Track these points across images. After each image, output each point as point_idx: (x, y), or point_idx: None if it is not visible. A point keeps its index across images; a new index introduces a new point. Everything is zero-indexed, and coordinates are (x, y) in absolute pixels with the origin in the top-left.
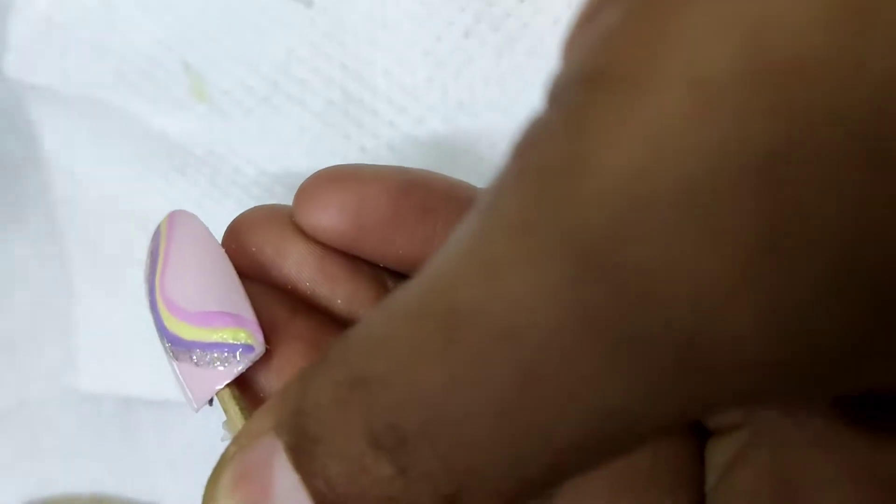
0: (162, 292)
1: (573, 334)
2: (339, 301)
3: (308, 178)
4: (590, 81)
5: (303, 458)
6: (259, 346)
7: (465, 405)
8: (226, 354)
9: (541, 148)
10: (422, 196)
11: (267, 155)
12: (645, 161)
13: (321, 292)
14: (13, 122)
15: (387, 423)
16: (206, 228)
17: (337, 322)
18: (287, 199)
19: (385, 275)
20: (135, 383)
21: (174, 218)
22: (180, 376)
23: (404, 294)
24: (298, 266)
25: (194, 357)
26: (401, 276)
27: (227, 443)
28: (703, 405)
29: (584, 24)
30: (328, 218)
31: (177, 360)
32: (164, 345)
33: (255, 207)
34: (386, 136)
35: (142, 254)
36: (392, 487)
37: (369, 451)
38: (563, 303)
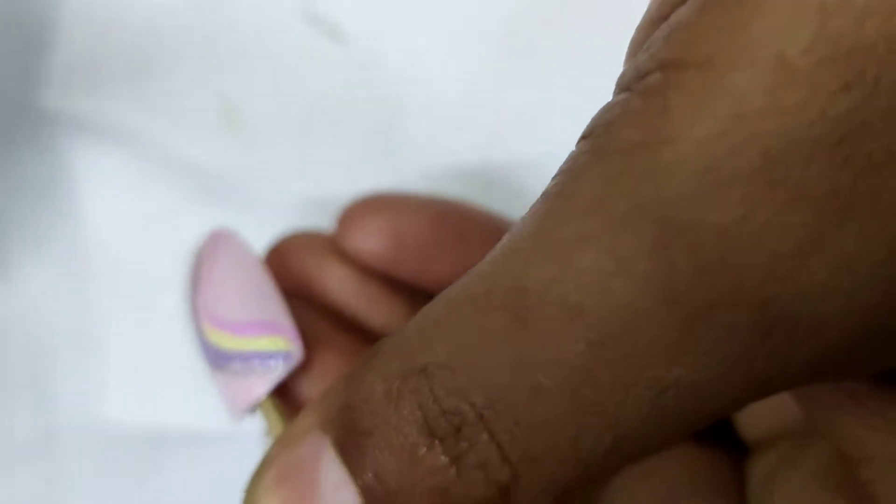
0: (203, 305)
1: (648, 305)
2: (377, 320)
3: (350, 203)
4: (669, 68)
5: (351, 452)
6: (298, 353)
7: (531, 384)
8: (266, 362)
9: (618, 129)
10: (458, 224)
11: (302, 183)
12: (727, 133)
13: (361, 312)
14: (42, 148)
15: (442, 411)
16: (246, 244)
17: (375, 339)
18: (321, 226)
19: (420, 298)
20: (164, 412)
21: (215, 235)
22: (221, 386)
23: (463, 283)
24: (340, 286)
25: (235, 367)
26: None
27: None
28: (773, 381)
29: (652, 25)
30: (369, 242)
31: (218, 370)
32: (203, 357)
33: (298, 230)
34: (420, 167)
35: (174, 281)
36: (445, 477)
37: (423, 440)
38: (639, 274)
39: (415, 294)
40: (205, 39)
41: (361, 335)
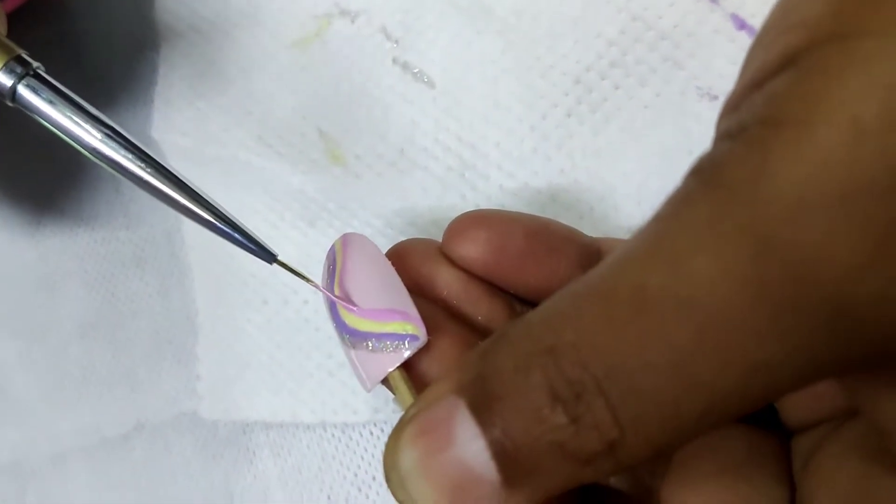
0: (343, 293)
1: (746, 302)
2: (479, 317)
3: (456, 217)
4: (769, 124)
5: (483, 412)
6: (423, 337)
7: (645, 361)
8: (396, 343)
9: (724, 168)
10: (548, 237)
11: (393, 211)
12: (815, 173)
13: (465, 309)
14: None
15: (566, 380)
16: (375, 245)
17: (480, 331)
18: None
19: (514, 300)
20: (253, 409)
21: (348, 237)
22: (357, 362)
23: (586, 283)
24: (448, 287)
25: (369, 345)
26: (527, 302)
27: (398, 414)
28: (835, 366)
29: (750, 89)
30: (473, 250)
31: (354, 348)
32: (342, 337)
33: (411, 238)
34: (496, 198)
35: (267, 293)
36: (564, 434)
37: (547, 403)
38: (740, 277)
39: (509, 297)
40: (307, 84)
41: (468, 327)
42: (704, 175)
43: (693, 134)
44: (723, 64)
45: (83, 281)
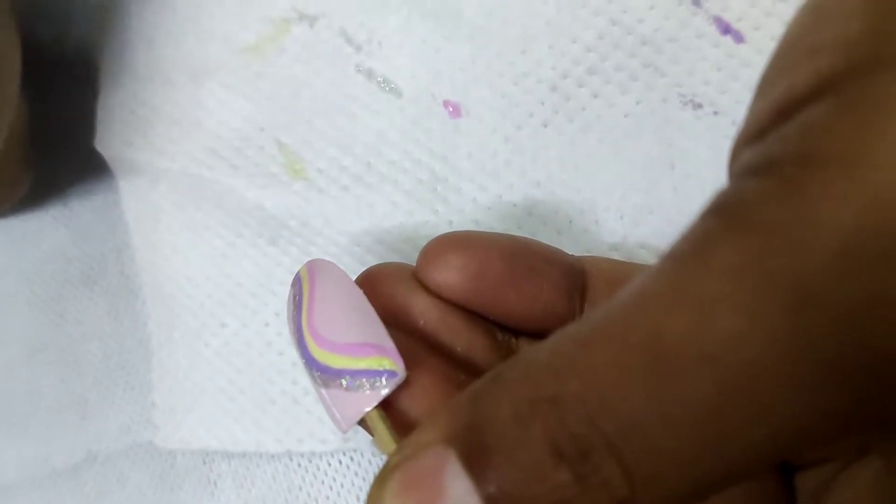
0: (310, 328)
1: (778, 360)
2: (458, 348)
3: (431, 241)
4: (808, 162)
5: (477, 466)
6: (402, 372)
7: (662, 418)
8: (373, 380)
9: (755, 208)
10: (529, 259)
11: (360, 228)
12: (864, 221)
13: (443, 340)
14: (90, 185)
15: (572, 436)
16: (344, 272)
17: (460, 364)
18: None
19: (495, 328)
20: (213, 438)
21: (314, 264)
22: (330, 401)
23: (592, 323)
24: (424, 316)
25: (343, 382)
26: (509, 329)
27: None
28: (877, 421)
29: (777, 116)
30: (451, 276)
31: (326, 387)
32: (312, 374)
33: (383, 263)
34: (470, 212)
35: (225, 315)
36: (568, 492)
37: (550, 460)
38: (772, 332)
39: (489, 324)
40: (263, 92)
41: (447, 359)
42: (730, 214)
43: (676, 144)
44: (707, 70)
45: (29, 301)
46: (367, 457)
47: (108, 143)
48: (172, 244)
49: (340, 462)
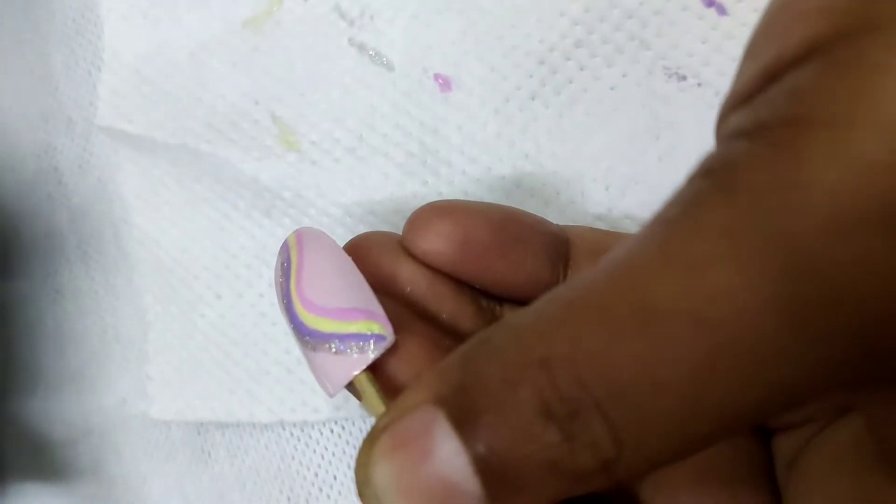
0: (299, 293)
1: (772, 319)
2: (444, 315)
3: (417, 209)
4: (796, 123)
5: (466, 426)
6: (390, 336)
7: (651, 379)
8: (361, 344)
9: (745, 171)
10: (515, 228)
11: (352, 199)
12: (853, 182)
13: (429, 307)
14: (87, 161)
15: (561, 397)
16: (332, 240)
17: (446, 330)
18: None
19: (480, 296)
20: (207, 409)
21: (302, 232)
22: (319, 365)
23: (580, 286)
24: (410, 283)
25: (332, 346)
26: (494, 297)
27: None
28: (864, 380)
29: (762, 80)
30: (437, 244)
31: (315, 350)
32: (301, 339)
33: (369, 232)
34: (459, 184)
35: (221, 287)
36: (556, 452)
37: (538, 421)
38: (766, 292)
39: (475, 292)
40: (259, 66)
41: (434, 325)
42: (719, 177)
43: (661, 116)
44: (691, 42)
45: (27, 278)
46: (357, 425)
47: (110, 119)
48: (171, 218)
49: (332, 431)
